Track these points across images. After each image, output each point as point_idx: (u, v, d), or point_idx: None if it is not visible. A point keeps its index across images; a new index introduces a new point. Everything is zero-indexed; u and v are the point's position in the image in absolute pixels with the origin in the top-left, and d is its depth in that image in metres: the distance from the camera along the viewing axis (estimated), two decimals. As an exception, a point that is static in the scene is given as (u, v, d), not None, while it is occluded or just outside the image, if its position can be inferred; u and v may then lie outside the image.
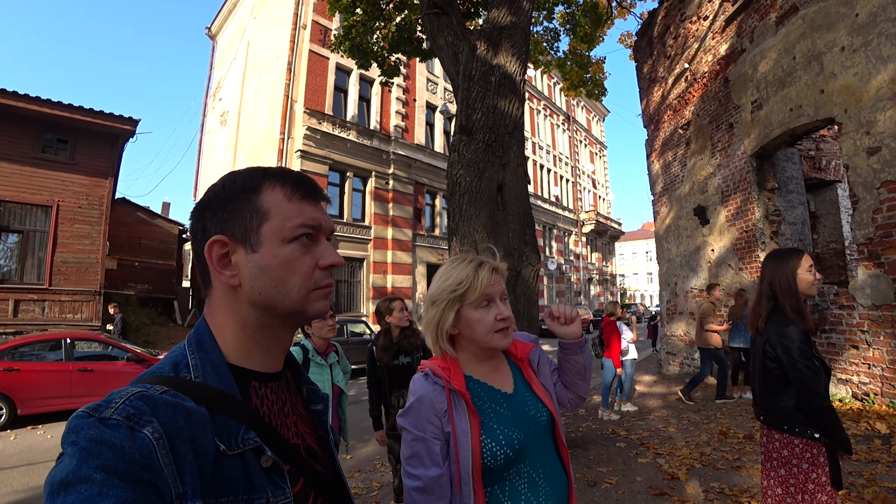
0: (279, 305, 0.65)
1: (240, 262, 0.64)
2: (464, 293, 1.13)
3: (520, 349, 1.24)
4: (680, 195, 9.11)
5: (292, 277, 0.65)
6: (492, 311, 1.14)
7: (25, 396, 6.41)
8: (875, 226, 5.06)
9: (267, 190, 0.66)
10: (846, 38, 5.32)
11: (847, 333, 5.47)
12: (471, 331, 1.14)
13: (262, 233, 0.64)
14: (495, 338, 1.13)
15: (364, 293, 16.24)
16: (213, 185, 0.69)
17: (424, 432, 1.10)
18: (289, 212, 0.66)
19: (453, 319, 1.14)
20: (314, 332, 2.91)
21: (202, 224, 0.66)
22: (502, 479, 1.10)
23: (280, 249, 0.65)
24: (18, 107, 10.10)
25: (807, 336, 1.88)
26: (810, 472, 1.86)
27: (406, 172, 17.74)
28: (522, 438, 1.11)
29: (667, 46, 9.54)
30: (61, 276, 10.77)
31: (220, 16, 22.42)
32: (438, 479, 1.07)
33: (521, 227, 4.30)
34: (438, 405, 1.10)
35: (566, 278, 28.95)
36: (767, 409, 2.01)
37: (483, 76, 4.32)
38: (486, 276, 1.14)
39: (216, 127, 21.41)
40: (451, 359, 1.17)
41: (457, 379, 1.12)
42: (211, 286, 0.67)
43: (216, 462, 0.55)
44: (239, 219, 0.65)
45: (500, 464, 1.07)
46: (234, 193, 0.66)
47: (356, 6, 7.47)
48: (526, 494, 1.09)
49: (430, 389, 1.12)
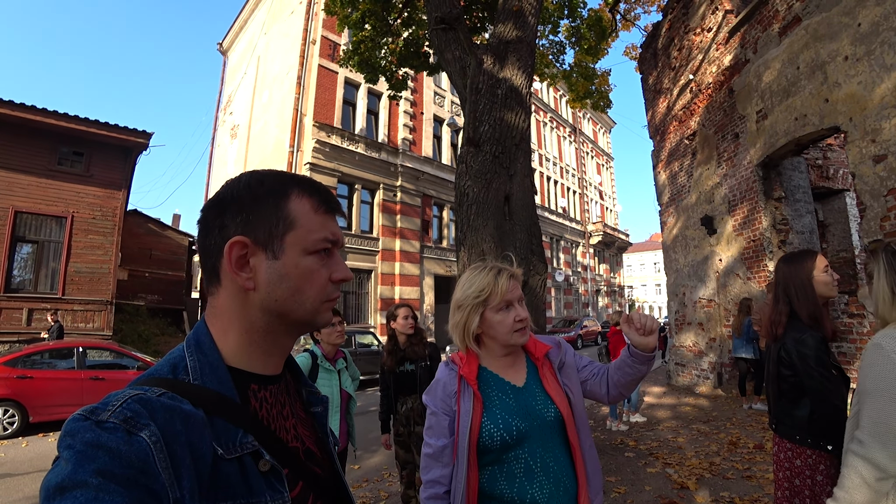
0: (292, 314, 0.66)
1: (258, 267, 0.64)
2: (486, 299, 1.27)
3: (538, 348, 1.34)
4: (687, 205, 9.11)
5: (310, 288, 0.66)
6: (511, 313, 1.28)
7: (37, 404, 6.50)
8: (883, 233, 5.04)
9: (295, 198, 0.66)
10: (849, 48, 5.36)
11: (858, 342, 5.43)
12: (493, 331, 1.28)
13: (287, 241, 0.65)
14: (515, 336, 1.27)
15: (372, 304, 16.28)
16: (236, 183, 0.67)
17: (437, 408, 1.29)
18: (314, 224, 0.67)
19: (479, 322, 1.29)
20: (323, 338, 2.95)
21: (221, 220, 0.65)
22: (500, 462, 1.22)
23: (302, 260, 0.65)
24: (36, 120, 10.38)
25: (824, 343, 1.82)
26: (825, 485, 1.78)
27: (414, 185, 17.88)
28: (523, 428, 1.21)
29: (671, 58, 9.63)
30: (74, 285, 10.94)
31: (231, 31, 22.94)
32: (444, 449, 1.26)
33: (528, 237, 4.34)
34: (450, 387, 1.29)
35: (574, 290, 28.82)
36: (780, 418, 1.95)
37: (490, 89, 4.40)
38: (505, 283, 1.28)
39: (227, 140, 21.76)
40: (472, 353, 1.32)
41: (468, 368, 1.29)
42: (219, 285, 0.65)
43: (214, 466, 0.54)
44: (264, 223, 0.64)
45: (496, 445, 1.20)
46: (263, 196, 0.65)
47: (365, 22, 7.63)
48: (520, 479, 1.20)
49: (446, 373, 1.32)
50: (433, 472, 1.27)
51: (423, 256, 17.93)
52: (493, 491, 1.21)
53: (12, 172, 10.44)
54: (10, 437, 6.23)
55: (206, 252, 0.66)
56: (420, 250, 17.85)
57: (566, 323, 21.62)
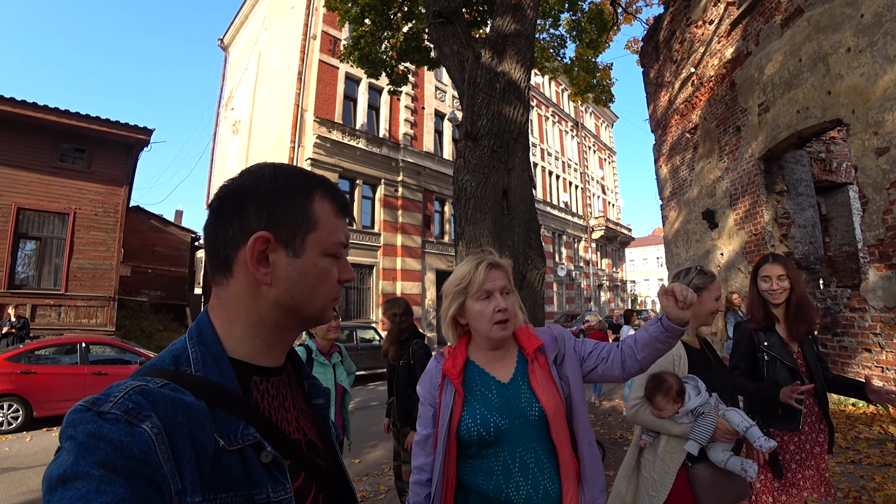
0: (304, 310, 0.67)
1: (278, 263, 0.64)
2: (466, 286, 1.27)
3: (530, 342, 1.29)
4: (688, 199, 9.08)
5: (323, 288, 0.68)
6: (491, 303, 1.24)
7: (41, 399, 6.56)
8: (885, 227, 5.01)
9: (318, 200, 0.68)
10: (852, 39, 5.31)
11: (859, 336, 5.40)
12: (475, 322, 1.28)
13: (308, 241, 0.66)
14: (495, 329, 1.23)
15: (374, 300, 16.31)
16: (259, 174, 0.66)
17: (424, 399, 1.32)
18: (333, 227, 0.68)
19: (457, 309, 1.29)
20: (319, 333, 2.97)
21: (242, 211, 0.64)
22: (479, 457, 1.21)
23: (320, 260, 0.67)
24: (38, 117, 10.42)
25: (749, 332, 2.13)
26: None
27: (415, 180, 17.86)
28: (503, 426, 1.19)
29: (673, 51, 9.55)
30: (77, 282, 11.01)
31: (232, 27, 22.88)
32: (428, 438, 1.28)
33: (527, 231, 4.33)
34: (435, 379, 1.30)
35: (576, 285, 28.79)
36: None
37: (488, 83, 4.38)
38: (484, 272, 1.26)
39: (228, 136, 21.77)
40: (460, 345, 1.32)
41: (452, 361, 1.29)
42: (230, 276, 0.65)
43: (215, 457, 0.54)
44: (289, 221, 0.65)
45: (473, 440, 1.19)
46: (289, 194, 0.66)
47: (365, 17, 7.60)
48: (497, 477, 1.18)
49: (434, 366, 1.33)
50: (419, 459, 1.31)
51: (424, 251, 17.94)
52: (471, 483, 1.21)
53: (14, 169, 10.49)
54: (15, 432, 6.30)
55: (219, 240, 0.65)
56: (422, 245, 17.85)
57: (568, 318, 21.66)
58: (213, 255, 0.66)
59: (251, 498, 0.56)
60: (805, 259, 6.97)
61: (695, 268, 1.93)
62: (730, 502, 1.65)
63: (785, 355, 2.02)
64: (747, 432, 1.59)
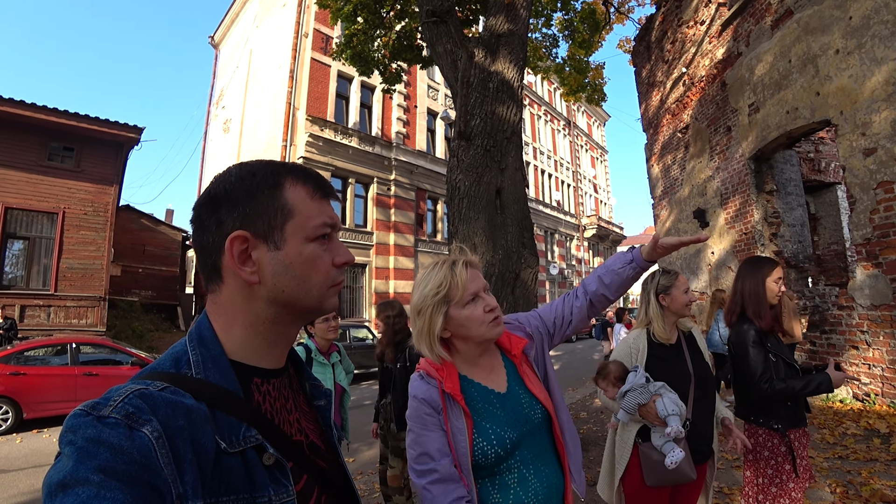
0: (300, 302, 0.65)
1: (262, 259, 0.63)
2: (446, 294, 1.13)
3: (513, 344, 1.23)
4: (680, 198, 9.16)
5: (315, 275, 0.65)
6: (479, 304, 1.15)
7: (31, 400, 6.48)
8: (872, 226, 5.10)
9: (289, 186, 0.66)
10: (840, 41, 5.39)
11: (847, 334, 5.49)
12: (465, 329, 1.15)
13: (287, 230, 0.64)
14: (490, 328, 1.14)
15: (366, 298, 16.29)
16: (226, 177, 0.66)
17: (427, 428, 1.13)
18: (311, 210, 0.66)
19: (443, 322, 1.14)
20: (317, 332, 2.95)
21: (217, 217, 0.63)
22: (493, 475, 1.13)
23: (304, 247, 0.65)
24: (26, 115, 10.27)
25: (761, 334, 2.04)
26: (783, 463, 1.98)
27: (408, 178, 17.84)
28: (515, 437, 1.12)
29: (665, 51, 9.62)
30: (67, 282, 10.89)
31: (222, 25, 22.68)
32: (451, 467, 1.09)
33: (520, 230, 4.35)
34: (434, 404, 1.13)
35: (568, 283, 28.92)
36: (738, 402, 2.18)
37: (481, 83, 4.39)
38: (464, 273, 1.15)
39: (219, 135, 21.59)
40: (446, 363, 1.17)
41: (451, 381, 1.14)
42: (221, 282, 0.64)
43: (217, 460, 0.54)
44: (262, 215, 0.63)
45: (490, 461, 1.10)
46: (257, 188, 0.64)
47: (357, 15, 7.57)
48: (515, 489, 1.12)
49: (425, 390, 1.15)
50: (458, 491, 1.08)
51: (417, 250, 17.93)
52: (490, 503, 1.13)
53: (2, 168, 10.36)
54: (4, 434, 6.22)
55: (204, 250, 0.65)
56: (414, 244, 17.83)
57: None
58: (203, 265, 0.66)
59: (253, 501, 0.55)
60: (794, 257, 7.06)
61: (659, 270, 2.09)
62: (672, 481, 1.80)
63: (786, 353, 2.07)
64: (667, 418, 1.74)
